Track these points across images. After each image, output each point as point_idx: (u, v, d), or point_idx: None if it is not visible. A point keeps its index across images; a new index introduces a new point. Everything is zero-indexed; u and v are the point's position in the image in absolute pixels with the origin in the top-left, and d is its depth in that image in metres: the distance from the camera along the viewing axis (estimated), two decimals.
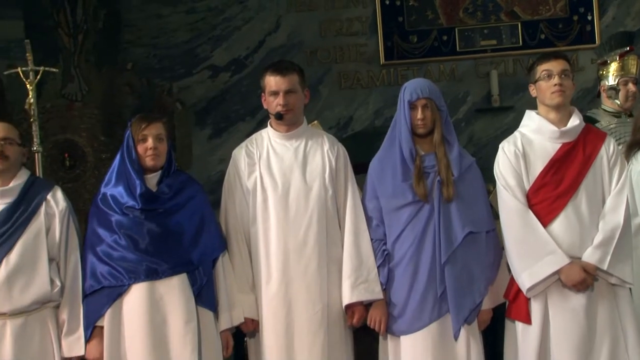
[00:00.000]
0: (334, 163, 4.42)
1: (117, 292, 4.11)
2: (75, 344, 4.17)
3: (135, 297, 4.10)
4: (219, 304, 4.25)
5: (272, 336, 4.27)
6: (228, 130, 9.94)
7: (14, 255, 4.13)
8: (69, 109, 9.25)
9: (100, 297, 4.12)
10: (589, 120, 5.83)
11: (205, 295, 4.19)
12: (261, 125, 4.80)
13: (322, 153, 4.44)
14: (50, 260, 4.20)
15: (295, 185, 4.35)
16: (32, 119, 6.15)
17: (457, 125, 9.72)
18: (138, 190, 4.15)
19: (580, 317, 4.22)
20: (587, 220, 4.29)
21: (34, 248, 4.18)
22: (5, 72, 6.67)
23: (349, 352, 4.44)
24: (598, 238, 4.25)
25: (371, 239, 4.39)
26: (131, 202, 4.15)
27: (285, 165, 4.40)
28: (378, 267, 4.35)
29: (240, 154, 4.49)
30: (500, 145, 4.49)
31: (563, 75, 4.38)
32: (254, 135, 4.60)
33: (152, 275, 4.10)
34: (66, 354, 4.17)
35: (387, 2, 9.85)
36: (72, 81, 9.38)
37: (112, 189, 4.24)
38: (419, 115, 4.33)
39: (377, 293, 4.31)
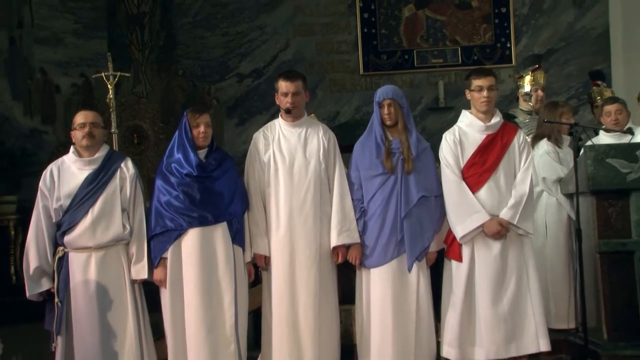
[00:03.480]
0: (326, 145, 4.43)
1: (177, 234, 4.16)
2: (140, 270, 4.17)
3: (192, 237, 4.15)
4: (245, 244, 4.32)
5: (280, 267, 4.31)
6: (249, 121, 9.88)
7: (97, 207, 4.12)
8: (137, 103, 9.25)
9: (165, 237, 4.16)
10: (509, 117, 5.87)
11: (238, 237, 4.25)
12: (273, 117, 4.77)
13: (318, 137, 4.44)
14: (123, 210, 4.19)
15: (298, 161, 4.37)
16: (111, 110, 6.17)
17: (414, 120, 9.73)
18: (194, 162, 4.17)
19: (496, 258, 4.26)
20: (503, 189, 4.32)
21: (112, 202, 4.16)
22: (94, 76, 6.72)
23: (334, 280, 4.44)
24: (510, 202, 4.28)
25: (352, 199, 4.39)
26: (189, 170, 4.17)
27: (291, 145, 4.41)
28: (357, 220, 4.37)
29: (259, 136, 4.50)
30: (444, 135, 4.50)
31: (489, 90, 4.38)
32: (269, 123, 4.58)
33: (204, 222, 4.15)
34: (134, 277, 4.17)
35: (366, 31, 9.85)
36: (140, 83, 9.40)
37: (173, 159, 4.24)
38: (386, 111, 4.34)
39: (356, 238, 4.33)
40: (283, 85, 4.42)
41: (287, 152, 4.40)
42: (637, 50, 9.14)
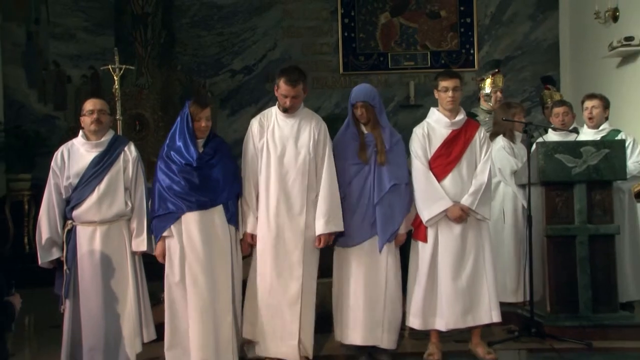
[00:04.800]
0: (317, 136, 4.21)
1: (177, 216, 4.07)
2: (140, 243, 4.12)
3: (191, 219, 4.05)
4: (238, 224, 4.24)
5: (269, 244, 4.18)
6: (240, 112, 9.88)
7: (102, 185, 4.07)
8: (139, 93, 9.13)
9: (167, 218, 4.07)
10: (472, 115, 5.84)
11: (233, 218, 4.17)
12: (262, 109, 4.68)
13: (310, 129, 4.22)
14: (125, 189, 4.14)
15: (289, 150, 4.18)
16: (117, 99, 6.08)
17: (387, 116, 9.73)
18: (194, 155, 4.06)
19: (457, 239, 4.25)
20: (465, 179, 4.30)
21: (116, 181, 4.11)
22: (102, 68, 6.64)
23: (316, 262, 4.31)
24: (471, 190, 4.26)
25: None
26: (189, 159, 4.06)
27: (284, 135, 4.21)
28: None
29: (255, 123, 4.29)
30: (414, 130, 4.45)
31: (454, 90, 4.35)
32: (265, 111, 4.36)
33: (202, 206, 4.05)
34: (134, 249, 4.13)
35: (346, 34, 9.84)
36: (142, 76, 9.27)
37: (174, 147, 4.11)
38: (358, 112, 4.24)
39: (340, 226, 4.19)
40: (284, 88, 4.16)
41: (280, 142, 4.20)
42: (582, 60, 9.20)
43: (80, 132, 4.21)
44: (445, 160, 4.31)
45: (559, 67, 9.67)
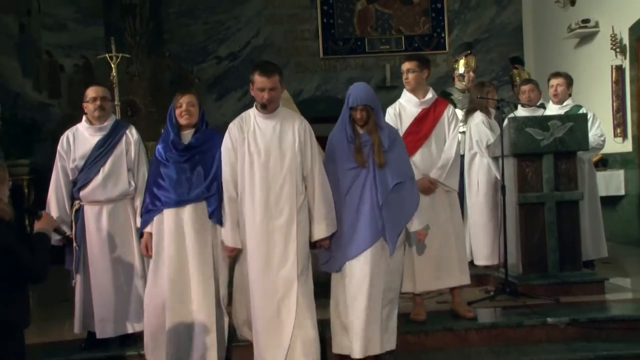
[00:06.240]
0: (302, 137, 3.72)
1: (156, 213, 3.79)
2: None
3: (171, 215, 3.76)
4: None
5: (255, 261, 3.68)
6: (226, 96, 9.90)
7: (107, 166, 4.07)
8: (130, 81, 9.07)
9: (149, 215, 3.81)
10: (446, 94, 5.91)
11: (216, 214, 3.75)
12: (246, 94, 4.58)
13: (293, 130, 3.72)
14: (128, 170, 4.13)
15: (274, 154, 3.68)
16: (114, 85, 6.04)
17: None
18: (173, 141, 3.78)
19: (427, 209, 4.10)
20: (435, 154, 4.26)
21: (119, 162, 4.10)
22: (99, 56, 6.59)
23: (310, 272, 3.80)
24: (439, 164, 4.23)
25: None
26: (168, 150, 3.78)
27: (266, 138, 3.71)
28: None
29: (234, 127, 3.77)
30: (387, 110, 4.42)
31: (408, 72, 4.34)
32: (243, 114, 3.85)
33: (181, 203, 3.73)
34: (139, 225, 4.05)
35: (325, 21, 9.88)
36: (132, 64, 9.18)
37: (160, 143, 3.86)
38: (358, 115, 3.73)
39: (336, 226, 3.74)
40: (259, 81, 3.68)
41: (263, 146, 3.70)
42: (544, 41, 9.34)
43: (84, 118, 4.20)
44: (415, 137, 4.26)
45: (522, 49, 9.80)
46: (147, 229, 3.84)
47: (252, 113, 3.80)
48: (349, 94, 3.79)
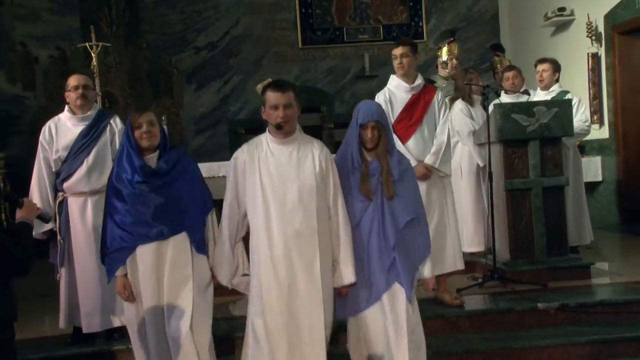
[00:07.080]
0: (324, 165, 3.16)
1: (130, 251, 3.20)
2: None
3: (146, 252, 3.18)
4: (208, 251, 3.32)
5: (277, 297, 3.08)
6: (206, 86, 9.73)
7: (91, 157, 3.94)
8: (107, 71, 8.85)
9: (120, 253, 3.21)
10: (429, 81, 5.81)
11: (200, 245, 3.25)
12: (226, 84, 4.46)
13: (312, 157, 3.16)
14: (113, 160, 3.90)
15: (292, 186, 3.10)
16: (95, 75, 5.85)
17: (344, 87, 9.76)
18: (138, 165, 3.19)
19: (423, 195, 3.93)
20: (427, 139, 4.24)
21: (103, 153, 3.98)
22: (79, 45, 6.38)
23: (332, 317, 3.21)
24: (432, 149, 4.22)
25: None
26: (137, 178, 3.18)
27: (282, 167, 3.13)
28: None
29: (242, 155, 3.20)
30: (376, 96, 4.34)
31: (402, 57, 4.29)
32: (253, 139, 3.26)
33: (159, 236, 3.17)
34: None
35: (303, 11, 9.78)
36: (109, 55, 8.95)
37: (120, 167, 3.25)
38: (369, 134, 3.22)
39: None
40: (272, 97, 3.13)
41: (277, 175, 3.12)
42: (521, 29, 9.35)
43: (66, 107, 4.05)
44: (407, 123, 4.24)
45: (499, 37, 9.80)
46: (120, 272, 3.24)
47: (265, 138, 3.23)
48: (357, 110, 3.28)
